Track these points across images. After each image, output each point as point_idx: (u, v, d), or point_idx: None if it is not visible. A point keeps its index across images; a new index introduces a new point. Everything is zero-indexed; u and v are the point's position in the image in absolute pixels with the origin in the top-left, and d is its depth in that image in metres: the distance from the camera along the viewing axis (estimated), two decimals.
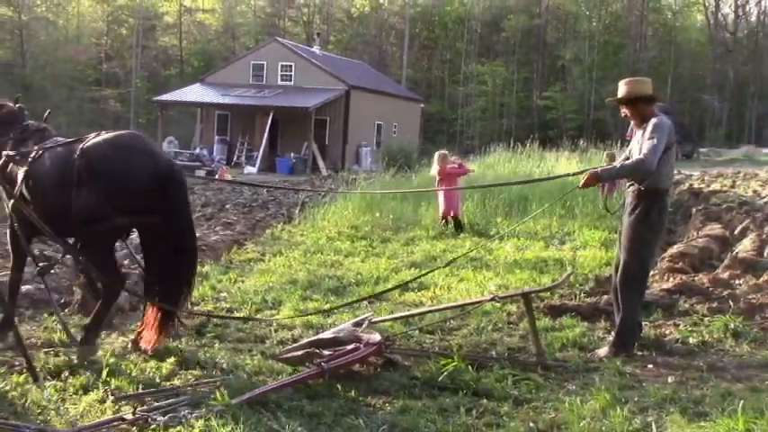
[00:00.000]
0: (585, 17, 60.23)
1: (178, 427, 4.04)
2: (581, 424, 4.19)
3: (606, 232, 11.23)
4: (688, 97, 56.60)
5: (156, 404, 4.34)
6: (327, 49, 51.10)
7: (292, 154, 34.15)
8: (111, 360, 5.15)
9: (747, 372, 5.19)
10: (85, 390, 4.66)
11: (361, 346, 5.19)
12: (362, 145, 37.41)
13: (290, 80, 37.59)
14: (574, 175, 6.90)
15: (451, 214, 12.06)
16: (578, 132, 42.20)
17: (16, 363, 5.08)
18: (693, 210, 13.59)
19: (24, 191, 5.30)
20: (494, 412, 4.49)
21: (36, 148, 5.41)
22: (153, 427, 4.02)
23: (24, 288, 6.90)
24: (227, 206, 16.99)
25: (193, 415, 4.15)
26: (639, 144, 5.47)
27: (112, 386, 4.70)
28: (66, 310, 6.55)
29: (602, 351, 5.58)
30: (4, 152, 5.53)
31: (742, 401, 4.35)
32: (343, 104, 36.43)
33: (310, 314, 6.54)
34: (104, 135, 5.29)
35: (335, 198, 15.49)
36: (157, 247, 5.35)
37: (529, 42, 61.88)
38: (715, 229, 10.74)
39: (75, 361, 5.10)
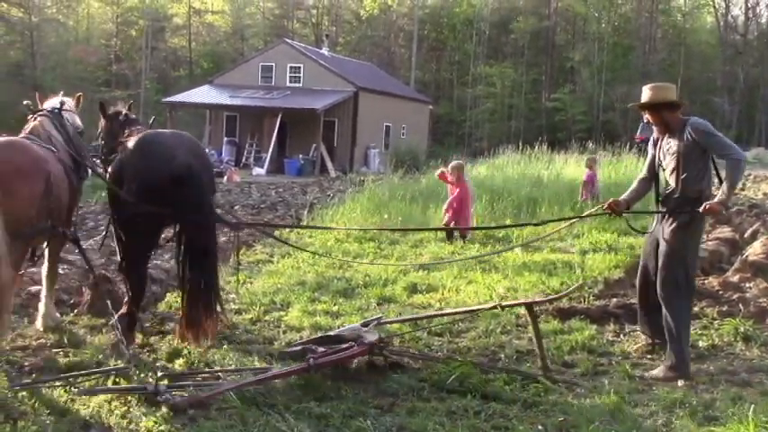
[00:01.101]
0: (595, 19, 60.08)
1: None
2: (590, 427, 4.17)
3: (615, 234, 11.19)
4: (698, 99, 56.28)
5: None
6: (336, 51, 51.14)
7: (301, 155, 34.18)
8: (120, 361, 5.17)
9: (758, 375, 5.17)
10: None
11: (355, 345, 5.18)
12: (371, 146, 37.41)
13: (299, 82, 37.64)
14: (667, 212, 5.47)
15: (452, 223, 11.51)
16: (587, 134, 42.03)
17: (26, 363, 5.10)
18: None
19: None
20: (502, 415, 4.48)
21: None
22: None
23: (34, 289, 6.93)
24: (236, 207, 17.03)
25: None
26: (675, 154, 5.27)
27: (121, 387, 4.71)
28: (75, 311, 6.57)
29: (658, 371, 5.22)
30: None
31: (753, 405, 4.34)
32: (351, 106, 36.44)
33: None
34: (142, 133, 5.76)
35: (344, 200, 15.50)
36: (179, 243, 5.56)
37: (538, 44, 61.77)
38: (725, 231, 10.70)
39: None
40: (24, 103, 6.32)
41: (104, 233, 6.50)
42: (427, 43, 65.49)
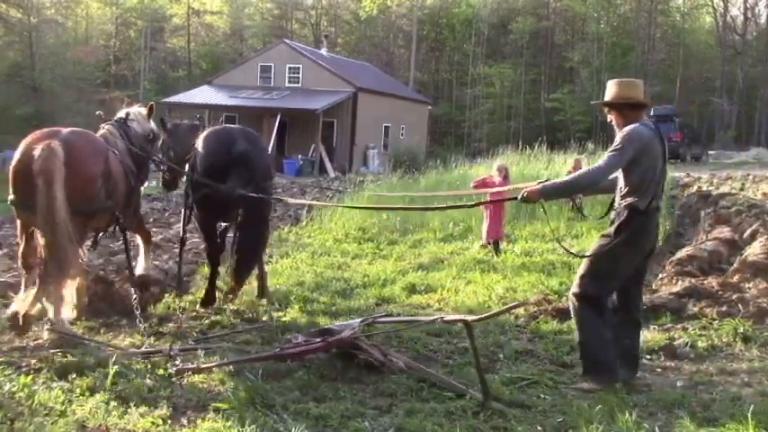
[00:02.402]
0: (594, 19, 60.04)
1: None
2: (589, 428, 4.16)
3: None
4: (697, 99, 56.34)
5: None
6: (335, 51, 51.13)
7: (300, 156, 34.17)
8: (119, 362, 5.16)
9: (757, 376, 5.16)
10: (92, 391, 4.66)
11: (329, 339, 5.28)
12: (370, 147, 37.41)
13: (298, 82, 37.64)
14: (511, 200, 5.96)
15: (492, 239, 10.52)
16: (586, 134, 42.03)
17: (23, 364, 5.09)
18: (702, 213, 13.51)
19: None
20: (501, 415, 4.47)
21: None
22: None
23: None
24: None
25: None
26: None
27: (119, 388, 4.70)
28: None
29: (585, 385, 4.92)
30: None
31: (752, 406, 4.32)
32: (350, 106, 36.44)
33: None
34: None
35: (343, 200, 15.49)
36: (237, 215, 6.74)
37: (537, 44, 61.74)
38: (724, 232, 10.68)
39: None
40: (97, 113, 7.21)
41: (183, 219, 7.76)
42: (426, 44, 65.47)
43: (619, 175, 4.87)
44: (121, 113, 7.17)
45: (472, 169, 21.44)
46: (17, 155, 5.68)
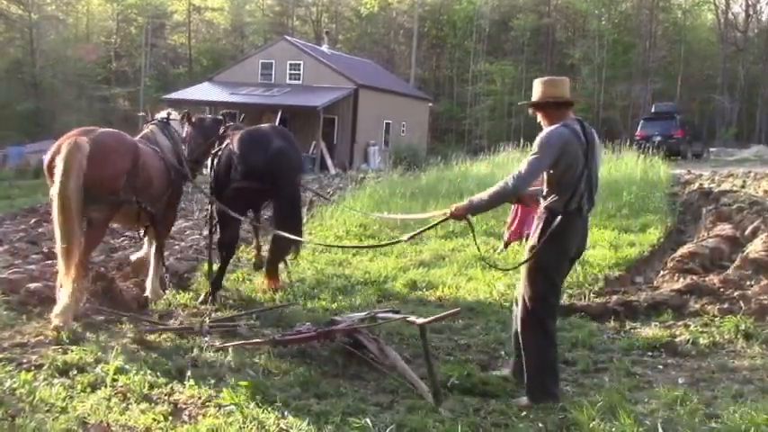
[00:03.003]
0: (595, 16, 59.95)
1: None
2: (590, 425, 4.16)
3: (616, 232, 11.16)
4: (698, 97, 56.19)
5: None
6: (336, 48, 51.08)
7: (301, 153, 34.14)
8: (120, 358, 5.16)
9: (759, 373, 5.15)
10: (93, 387, 4.66)
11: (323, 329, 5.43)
12: (371, 144, 37.38)
13: (299, 79, 37.60)
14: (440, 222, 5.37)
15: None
16: None
17: (24, 360, 5.09)
18: (704, 210, 13.50)
19: None
20: (502, 413, 4.47)
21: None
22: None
23: (33, 286, 6.92)
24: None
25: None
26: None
27: (120, 384, 4.70)
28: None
29: (523, 400, 4.68)
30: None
31: (754, 403, 4.32)
32: (351, 103, 36.40)
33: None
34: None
35: (344, 196, 15.48)
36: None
37: (538, 41, 61.67)
38: (725, 229, 10.67)
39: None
40: (140, 114, 7.45)
41: (209, 211, 8.53)
42: (427, 40, 65.39)
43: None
44: (163, 114, 7.83)
45: (473, 166, 21.43)
46: (51, 149, 6.13)
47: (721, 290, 7.11)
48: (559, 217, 4.53)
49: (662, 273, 8.47)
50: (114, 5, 61.75)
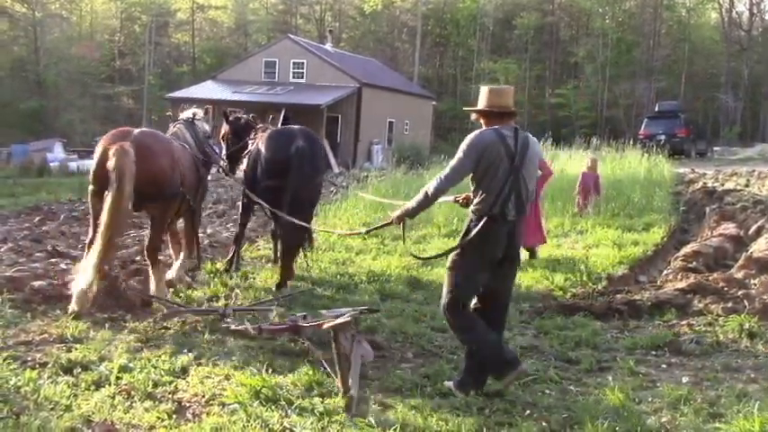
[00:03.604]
0: (599, 14, 59.87)
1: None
2: (594, 424, 4.15)
3: (620, 231, 11.15)
4: (702, 95, 56.15)
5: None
6: (339, 47, 51.07)
7: None
8: (124, 356, 5.17)
9: (763, 372, 5.15)
10: (97, 385, 4.67)
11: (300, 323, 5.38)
12: (374, 142, 37.37)
13: (302, 77, 37.61)
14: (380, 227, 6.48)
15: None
16: (591, 130, 41.94)
17: (29, 358, 5.10)
18: (707, 209, 13.49)
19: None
20: (506, 412, 4.47)
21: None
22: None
23: (37, 284, 6.94)
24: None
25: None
26: None
27: (124, 382, 4.71)
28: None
29: (449, 383, 4.82)
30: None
31: (758, 402, 4.31)
32: (354, 102, 36.39)
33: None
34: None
35: (347, 195, 15.47)
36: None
37: (541, 39, 61.56)
38: (729, 228, 10.66)
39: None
40: (167, 113, 8.35)
41: (241, 203, 9.11)
42: (431, 39, 65.33)
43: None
44: (188, 114, 8.44)
45: None
46: (97, 153, 6.62)
47: (725, 289, 7.10)
48: (482, 220, 4.63)
49: (666, 272, 8.46)
50: (118, 3, 61.82)
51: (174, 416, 4.27)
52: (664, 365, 5.40)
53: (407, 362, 5.41)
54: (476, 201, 4.72)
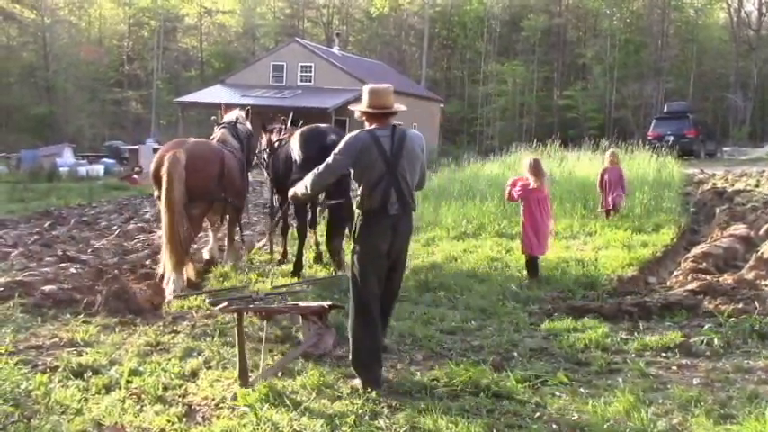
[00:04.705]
0: (606, 15, 59.75)
1: None
2: (604, 426, 4.14)
3: (629, 232, 11.11)
4: (711, 96, 55.91)
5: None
6: (347, 50, 51.15)
7: None
8: (134, 360, 5.19)
9: None
10: (108, 389, 4.69)
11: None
12: None
13: (310, 81, 37.69)
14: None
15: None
16: (599, 132, 41.80)
17: (39, 362, 5.12)
18: (717, 209, 13.43)
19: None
20: (516, 414, 4.45)
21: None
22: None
23: (47, 288, 6.97)
24: (248, 206, 17.01)
25: None
26: None
27: (134, 385, 4.73)
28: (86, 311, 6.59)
29: (355, 381, 4.92)
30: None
31: None
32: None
33: None
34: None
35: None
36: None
37: (549, 41, 61.44)
38: (739, 228, 10.61)
39: None
40: (212, 118, 9.39)
41: (270, 198, 10.03)
42: (438, 41, 65.35)
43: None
44: (231, 117, 9.15)
45: (485, 167, 21.39)
46: (155, 161, 7.59)
47: (735, 290, 7.07)
48: (368, 217, 4.93)
49: (675, 273, 8.42)
50: (126, 9, 62.08)
51: (184, 419, 4.28)
52: (674, 367, 5.37)
53: (417, 364, 5.40)
54: (359, 199, 4.99)
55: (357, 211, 5.04)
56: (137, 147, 34.09)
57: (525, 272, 8.54)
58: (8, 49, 51.55)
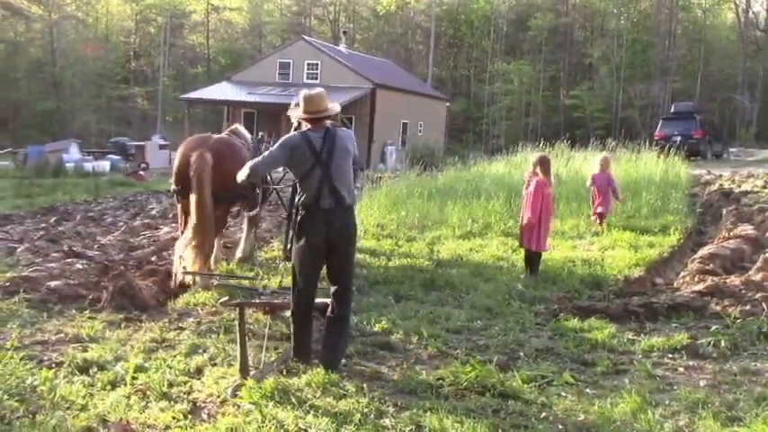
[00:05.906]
0: (613, 15, 59.64)
1: None
2: (611, 427, 4.12)
3: (636, 233, 11.08)
4: (718, 96, 55.71)
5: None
6: (353, 48, 51.12)
7: None
8: (139, 356, 5.19)
9: None
10: (113, 385, 4.69)
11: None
12: (388, 144, 37.38)
13: (317, 78, 37.66)
14: None
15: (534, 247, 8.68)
16: (606, 131, 41.74)
17: (45, 358, 5.13)
18: (724, 210, 13.38)
19: None
20: (521, 414, 4.44)
21: None
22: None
23: (53, 284, 6.98)
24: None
25: None
26: None
27: (139, 382, 4.72)
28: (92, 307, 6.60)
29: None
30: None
31: None
32: (368, 103, 36.42)
33: None
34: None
35: (361, 196, 15.46)
36: None
37: (555, 40, 61.34)
38: (747, 230, 10.57)
39: None
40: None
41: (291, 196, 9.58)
42: (444, 40, 65.32)
43: None
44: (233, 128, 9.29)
45: (490, 166, 21.36)
46: (178, 158, 7.87)
47: (743, 291, 7.03)
48: (305, 212, 5.25)
49: (682, 274, 8.39)
50: (133, 5, 62.21)
51: (190, 416, 4.28)
52: (681, 368, 5.35)
53: (422, 363, 5.39)
54: (298, 195, 5.38)
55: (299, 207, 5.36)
56: (143, 143, 34.18)
57: (524, 265, 8.69)
58: (15, 44, 51.71)
